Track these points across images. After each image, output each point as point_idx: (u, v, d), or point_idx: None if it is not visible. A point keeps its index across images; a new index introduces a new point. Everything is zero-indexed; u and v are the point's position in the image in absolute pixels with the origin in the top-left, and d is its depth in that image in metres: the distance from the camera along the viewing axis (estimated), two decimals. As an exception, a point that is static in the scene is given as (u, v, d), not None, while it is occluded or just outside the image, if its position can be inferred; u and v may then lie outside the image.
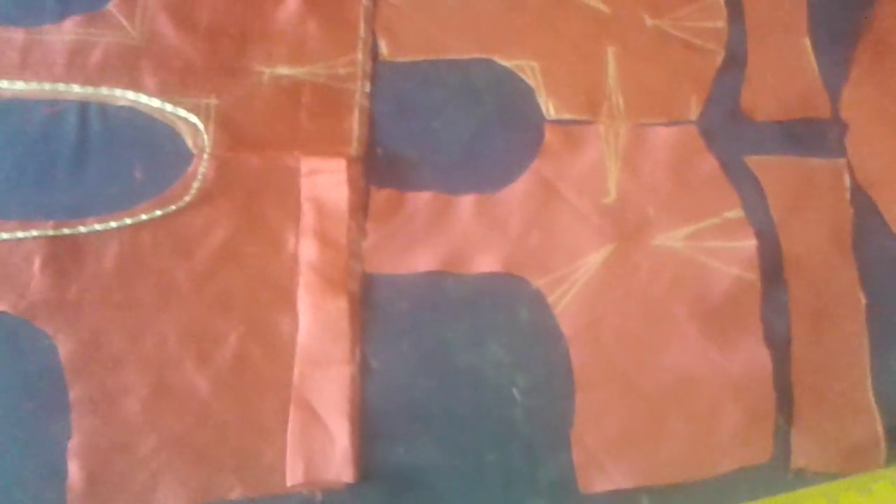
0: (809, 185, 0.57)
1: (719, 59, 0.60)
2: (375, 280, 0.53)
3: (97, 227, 0.52)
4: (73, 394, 0.49)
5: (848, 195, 0.57)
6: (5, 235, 0.51)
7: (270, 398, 0.50)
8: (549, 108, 0.58)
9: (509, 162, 0.57)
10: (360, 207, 0.54)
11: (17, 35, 0.57)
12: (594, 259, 0.54)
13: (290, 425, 0.49)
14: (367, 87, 0.58)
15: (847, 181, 0.57)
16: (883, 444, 0.50)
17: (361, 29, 0.59)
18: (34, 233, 0.52)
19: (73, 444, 0.48)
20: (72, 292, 0.51)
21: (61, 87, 0.56)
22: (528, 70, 0.59)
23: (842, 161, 0.58)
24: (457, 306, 0.53)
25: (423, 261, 0.53)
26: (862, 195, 0.57)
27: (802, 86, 0.60)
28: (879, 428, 0.51)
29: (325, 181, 0.54)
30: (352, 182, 0.54)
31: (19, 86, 0.55)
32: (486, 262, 0.54)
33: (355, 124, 0.56)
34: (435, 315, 0.53)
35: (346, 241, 0.53)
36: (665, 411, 0.51)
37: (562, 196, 0.55)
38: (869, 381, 0.52)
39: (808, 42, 0.61)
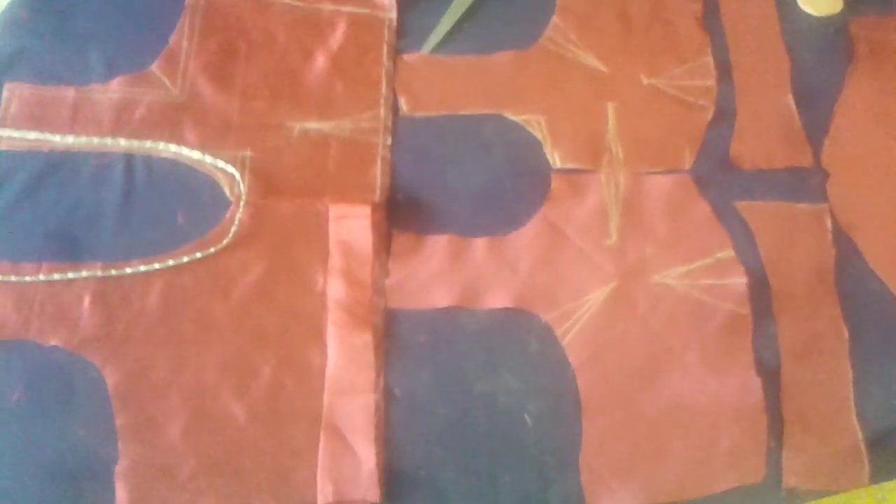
0: (794, 228, 0.59)
1: (710, 114, 0.63)
2: (397, 315, 0.56)
3: (142, 268, 0.55)
4: (120, 421, 0.51)
5: (830, 237, 0.59)
6: (57, 276, 0.54)
7: (302, 424, 0.52)
8: (555, 159, 0.61)
9: (519, 207, 0.59)
10: (384, 249, 0.57)
11: (68, 93, 0.60)
12: (598, 295, 0.56)
13: (321, 449, 0.51)
14: (389, 140, 0.61)
15: (829, 224, 0.60)
16: (866, 462, 0.52)
17: (383, 87, 0.63)
18: (84, 274, 0.55)
19: (119, 467, 0.50)
20: (119, 328, 0.54)
21: (109, 140, 0.59)
22: (536, 124, 0.62)
23: (824, 206, 0.60)
24: (472, 339, 0.55)
25: (440, 297, 0.56)
26: (843, 237, 0.59)
27: (787, 138, 0.63)
28: (863, 448, 0.53)
29: (352, 225, 0.57)
30: (376, 226, 0.57)
31: (70, 140, 0.59)
32: (498, 299, 0.56)
33: (378, 174, 0.60)
34: (452, 347, 0.55)
35: (371, 279, 0.56)
36: (666, 435, 0.53)
37: (568, 238, 0.58)
38: (852, 406, 0.54)
39: (791, 98, 0.64)
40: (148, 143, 0.59)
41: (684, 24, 0.67)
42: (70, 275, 0.55)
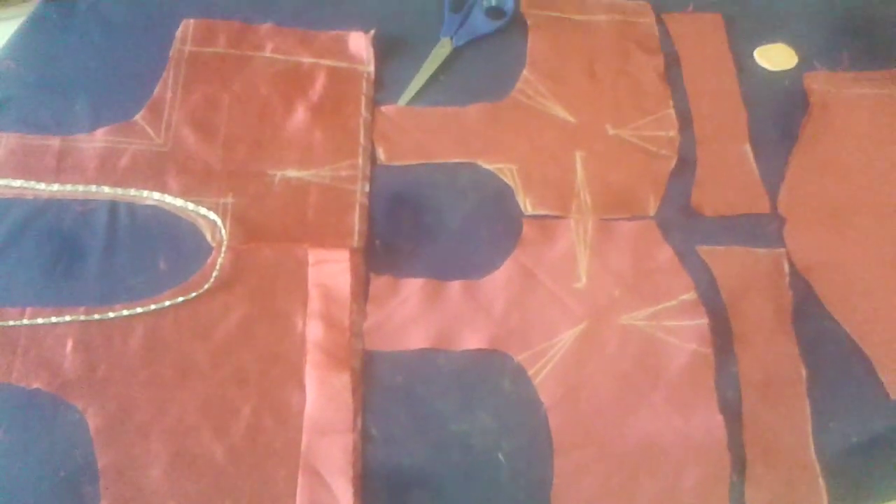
0: (753, 272, 0.61)
1: (672, 163, 0.66)
2: (375, 356, 0.57)
3: (125, 312, 0.56)
4: (102, 462, 0.51)
5: (787, 280, 0.61)
6: (41, 320, 0.55)
7: (281, 464, 0.53)
8: (526, 205, 0.63)
9: (492, 252, 0.61)
10: (361, 292, 0.59)
11: (54, 143, 0.62)
12: (568, 336, 0.58)
13: (299, 489, 0.52)
14: (367, 188, 0.63)
15: (786, 267, 0.62)
16: (824, 494, 0.54)
17: (361, 137, 0.65)
18: (67, 318, 0.55)
19: None
20: (101, 371, 0.54)
21: (93, 188, 0.60)
22: (508, 172, 0.64)
23: (781, 250, 0.63)
24: (447, 379, 0.56)
25: (417, 339, 0.57)
26: (800, 279, 0.62)
27: (745, 185, 0.65)
28: (821, 482, 0.54)
29: (331, 270, 0.58)
30: (354, 270, 0.59)
31: (55, 187, 0.60)
32: (473, 340, 0.57)
33: (356, 220, 0.61)
34: (428, 387, 0.56)
35: (349, 322, 0.57)
36: (634, 471, 0.54)
37: (539, 281, 0.60)
38: (811, 442, 0.55)
39: (748, 148, 0.67)
40: (132, 191, 0.61)
41: (647, 78, 0.70)
42: (53, 319, 0.55)
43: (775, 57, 0.72)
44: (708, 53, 0.72)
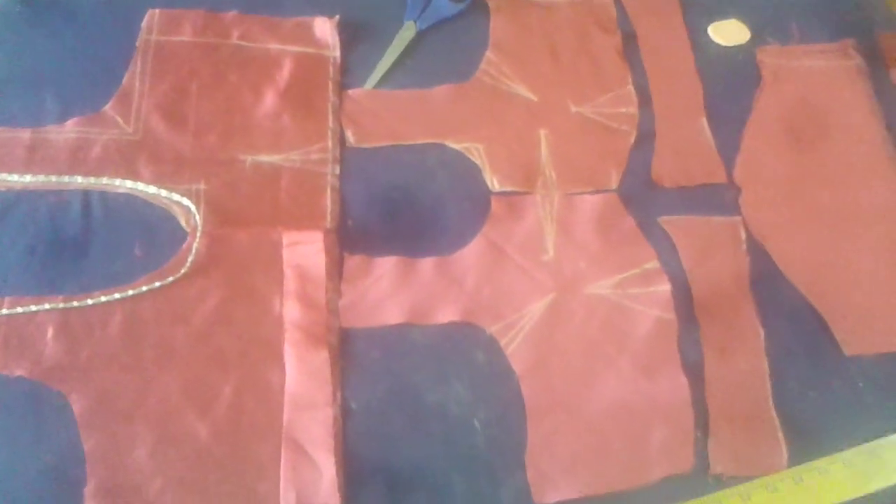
0: (712, 239, 0.64)
1: (632, 138, 0.68)
2: (351, 333, 0.58)
3: (103, 298, 0.57)
4: (88, 446, 0.52)
5: (744, 246, 0.64)
6: (20, 309, 0.56)
7: (264, 440, 0.54)
8: (493, 183, 0.64)
9: (462, 228, 0.63)
10: (336, 272, 0.60)
11: (24, 135, 0.62)
12: (538, 307, 0.60)
13: (283, 462, 0.53)
14: (337, 170, 0.64)
15: (743, 234, 0.64)
16: (784, 449, 0.56)
17: (330, 121, 0.66)
18: (47, 306, 0.56)
19: (88, 490, 0.51)
20: (82, 357, 0.55)
21: (66, 178, 0.61)
22: (475, 151, 0.66)
23: (738, 218, 0.65)
24: (423, 353, 0.58)
25: (391, 315, 0.59)
26: (756, 246, 0.64)
27: (702, 157, 0.67)
28: (780, 436, 0.56)
29: (305, 251, 0.60)
30: (328, 250, 0.60)
31: (28, 178, 0.60)
32: (446, 314, 0.59)
33: (328, 201, 0.63)
34: (404, 361, 0.57)
35: (325, 301, 0.58)
36: (604, 433, 0.56)
37: (508, 255, 0.61)
38: (770, 399, 0.58)
39: (704, 122, 0.69)
40: (104, 180, 0.61)
41: (607, 56, 0.72)
42: (33, 307, 0.56)
43: (728, 32, 0.74)
44: (664, 31, 0.74)
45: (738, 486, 0.54)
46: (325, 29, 0.70)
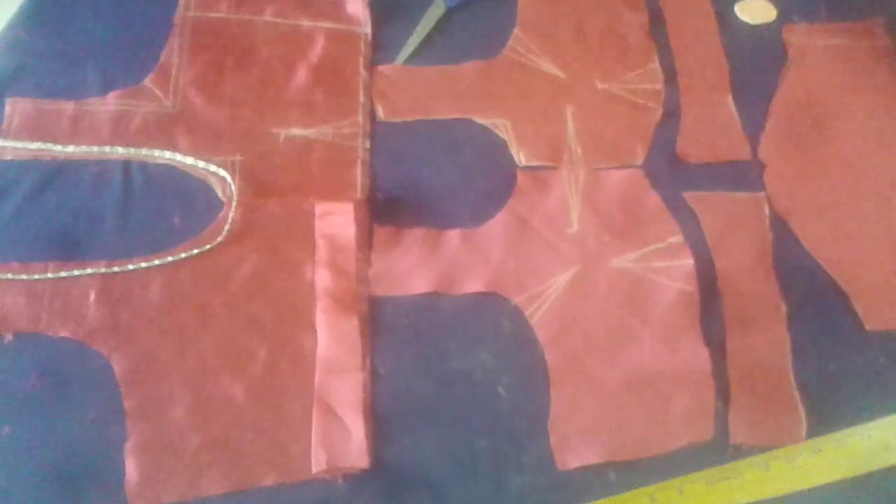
0: (736, 215, 0.64)
1: (658, 114, 0.68)
2: (380, 302, 0.60)
3: (143, 264, 0.59)
4: (128, 404, 0.55)
5: (768, 222, 0.64)
6: (64, 273, 0.58)
7: (296, 402, 0.56)
8: (520, 157, 0.65)
9: (489, 202, 0.64)
10: (366, 242, 0.61)
11: (68, 107, 0.64)
12: (562, 279, 0.61)
13: (314, 423, 0.55)
14: (368, 144, 0.66)
15: (766, 210, 0.65)
16: (803, 422, 0.57)
17: (361, 96, 0.67)
18: (89, 270, 0.58)
19: (129, 446, 0.53)
20: (123, 319, 0.57)
21: (107, 149, 0.63)
22: (502, 127, 0.67)
23: (762, 195, 0.65)
24: (449, 321, 0.59)
25: (419, 284, 0.60)
26: (779, 221, 0.64)
27: (727, 134, 0.68)
28: (800, 408, 0.57)
29: (336, 221, 0.61)
30: (358, 221, 0.61)
31: (71, 149, 0.63)
32: (472, 284, 0.60)
33: (359, 174, 0.64)
34: (431, 329, 0.59)
35: (355, 270, 0.60)
36: (625, 401, 0.57)
37: (533, 228, 0.63)
38: (791, 371, 0.59)
39: (730, 99, 0.70)
40: (144, 151, 0.63)
41: (633, 34, 0.72)
42: (76, 272, 0.58)
43: (755, 11, 0.74)
44: (690, 9, 0.74)
45: (758, 455, 0.56)
46: (356, 6, 0.72)
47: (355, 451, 0.55)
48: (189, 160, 0.63)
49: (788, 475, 0.55)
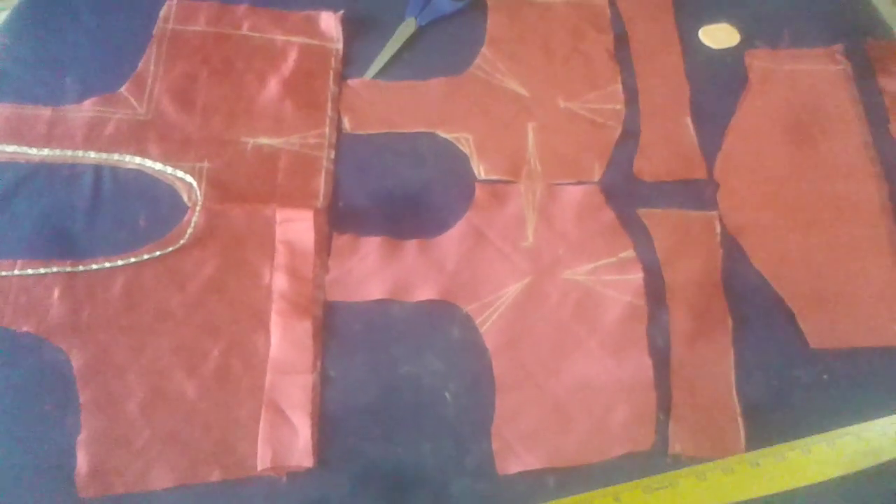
0: (687, 232, 0.65)
1: (617, 133, 0.70)
2: (335, 306, 0.61)
3: (107, 264, 0.61)
4: (83, 398, 0.56)
5: (719, 239, 0.65)
6: (30, 271, 0.60)
7: (246, 401, 0.57)
8: (480, 171, 0.67)
9: (447, 213, 0.65)
10: (324, 249, 0.63)
11: (45, 112, 0.67)
12: (514, 289, 0.62)
13: (262, 422, 0.56)
14: (333, 154, 0.67)
15: (718, 228, 0.66)
16: (742, 434, 0.57)
17: (329, 108, 0.69)
18: (55, 269, 0.60)
19: (81, 438, 0.55)
20: (84, 317, 0.59)
21: (80, 153, 0.65)
22: (464, 141, 0.68)
23: (714, 213, 0.66)
24: (401, 327, 0.61)
25: (374, 291, 0.61)
26: (730, 239, 0.65)
27: (684, 154, 0.69)
28: (740, 420, 0.58)
29: (296, 228, 0.63)
30: (318, 228, 0.63)
31: (45, 152, 0.65)
32: (425, 292, 0.61)
33: (322, 183, 0.66)
34: (383, 334, 0.60)
35: (312, 275, 0.61)
36: (568, 409, 0.58)
37: (489, 240, 0.64)
38: (733, 385, 0.59)
39: (689, 120, 0.71)
40: (115, 156, 0.65)
41: (598, 56, 0.74)
42: (42, 270, 0.60)
43: (719, 36, 0.76)
44: (655, 33, 0.76)
45: (696, 465, 0.56)
46: (329, 22, 0.74)
47: (301, 450, 0.56)
48: (158, 166, 0.65)
49: (725, 487, 0.55)
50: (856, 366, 0.62)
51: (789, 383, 0.61)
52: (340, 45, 0.73)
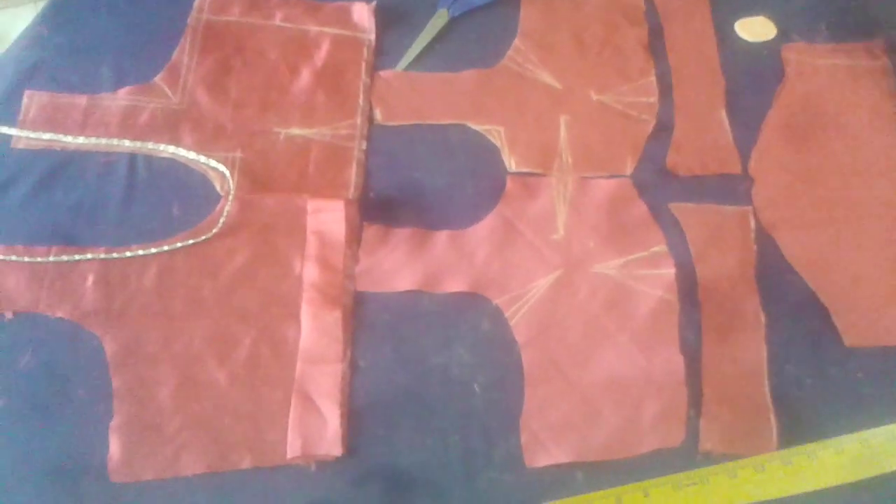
0: (721, 227, 0.64)
1: (650, 126, 0.69)
2: (365, 297, 0.61)
3: (140, 252, 0.61)
4: (116, 383, 0.57)
5: (753, 235, 0.64)
6: (65, 258, 0.61)
7: (276, 389, 0.58)
8: (511, 163, 0.67)
9: (477, 205, 0.65)
10: (355, 239, 0.63)
11: (81, 101, 0.67)
12: (544, 282, 0.62)
13: (292, 411, 0.57)
14: (364, 145, 0.68)
15: (752, 224, 0.65)
16: (775, 431, 0.57)
17: (360, 99, 0.69)
18: (89, 256, 0.61)
19: (114, 424, 0.56)
20: (117, 303, 0.60)
21: (115, 142, 0.66)
22: (495, 133, 0.68)
23: (748, 208, 0.66)
24: (430, 318, 0.61)
25: (403, 282, 0.62)
26: (764, 235, 0.65)
27: (718, 148, 0.68)
28: (773, 418, 0.57)
29: (327, 218, 0.63)
30: (348, 219, 0.63)
31: (80, 140, 0.66)
32: (455, 284, 0.61)
33: (353, 174, 0.66)
34: (412, 325, 0.60)
35: (342, 265, 0.62)
36: (598, 403, 0.58)
37: (519, 233, 0.64)
38: (766, 382, 0.59)
39: (724, 114, 0.70)
40: (149, 145, 0.66)
41: (632, 48, 0.73)
42: (76, 257, 0.61)
43: (755, 29, 0.75)
44: (690, 26, 0.75)
45: (727, 463, 0.56)
46: (362, 13, 0.74)
47: (330, 439, 0.56)
48: (191, 155, 0.66)
49: (756, 484, 0.55)
50: (891, 365, 0.61)
51: (823, 381, 0.60)
52: (373, 36, 0.73)
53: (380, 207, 0.65)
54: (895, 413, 0.58)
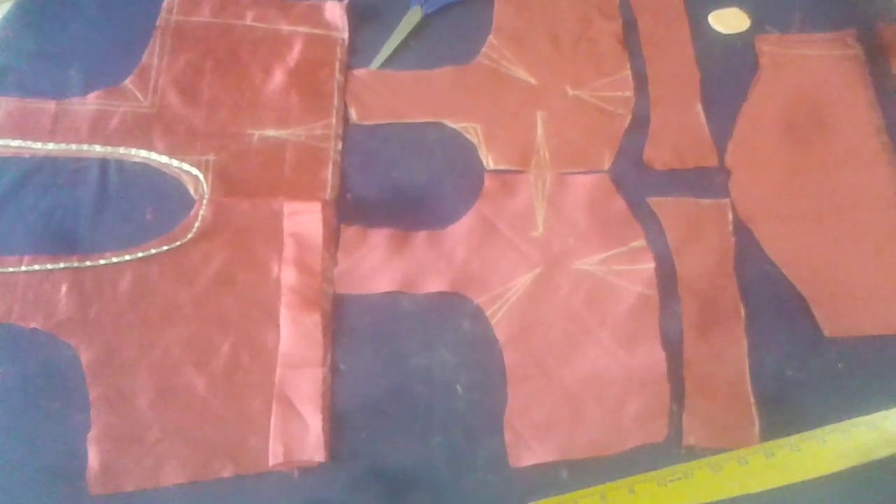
0: (699, 221, 0.64)
1: (627, 121, 0.69)
2: (344, 299, 0.61)
3: (114, 259, 0.60)
4: (93, 394, 0.56)
5: (731, 228, 0.64)
6: (38, 267, 0.60)
7: (256, 395, 0.57)
8: (488, 161, 0.66)
9: (456, 204, 0.65)
10: (332, 241, 0.62)
11: (49, 106, 0.66)
12: (524, 280, 0.62)
13: (273, 416, 0.56)
14: (339, 146, 0.67)
15: (730, 216, 0.65)
16: (757, 424, 0.57)
17: (335, 99, 0.69)
18: (62, 264, 0.60)
19: (92, 435, 0.55)
20: (92, 312, 0.59)
21: (85, 147, 0.65)
22: (472, 131, 0.68)
23: (726, 201, 0.66)
24: (411, 319, 0.60)
25: (383, 283, 0.61)
26: (742, 228, 0.65)
27: (695, 141, 0.68)
28: (754, 411, 0.57)
29: (304, 220, 0.62)
30: (326, 221, 0.62)
31: (50, 146, 0.64)
32: (435, 284, 0.61)
33: (329, 175, 0.65)
34: (392, 326, 0.60)
35: (321, 268, 0.61)
36: (581, 401, 0.57)
37: (499, 231, 0.63)
38: (747, 375, 0.59)
39: (699, 107, 0.70)
40: (121, 149, 0.65)
41: (606, 42, 0.73)
42: (49, 265, 0.60)
43: (729, 21, 0.75)
44: (664, 18, 0.75)
45: (710, 457, 0.56)
46: (335, 12, 0.73)
47: (312, 444, 0.56)
48: (163, 159, 0.65)
49: (740, 478, 0.55)
50: (871, 354, 0.61)
51: (804, 373, 0.60)
52: (346, 35, 0.72)
53: (357, 208, 0.65)
54: (877, 402, 0.58)
